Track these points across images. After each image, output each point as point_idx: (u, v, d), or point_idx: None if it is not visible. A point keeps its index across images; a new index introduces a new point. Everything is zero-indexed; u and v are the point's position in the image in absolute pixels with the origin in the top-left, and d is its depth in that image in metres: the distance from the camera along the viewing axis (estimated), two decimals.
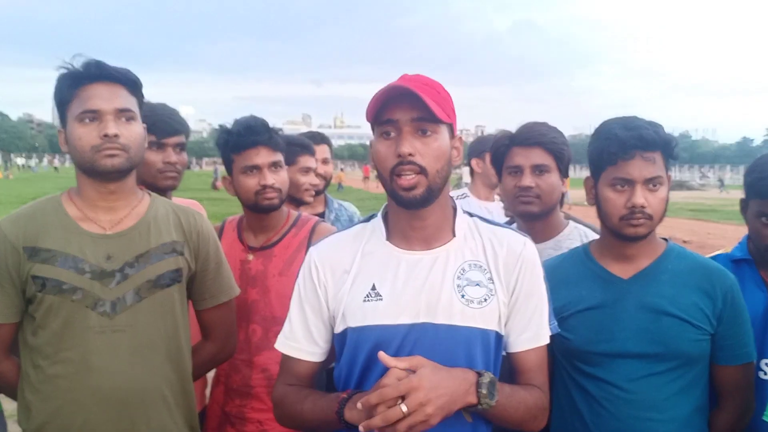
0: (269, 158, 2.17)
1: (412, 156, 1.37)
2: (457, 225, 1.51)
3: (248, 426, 2.18)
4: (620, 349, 1.69)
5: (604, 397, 1.70)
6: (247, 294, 2.17)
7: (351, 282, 1.48)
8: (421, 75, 1.45)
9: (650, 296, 1.71)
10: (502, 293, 1.46)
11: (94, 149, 1.65)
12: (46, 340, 1.67)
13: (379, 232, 1.52)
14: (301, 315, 1.54)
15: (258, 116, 2.24)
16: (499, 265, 1.47)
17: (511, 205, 2.19)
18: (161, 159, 2.27)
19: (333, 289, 1.50)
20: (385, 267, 1.47)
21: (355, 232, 1.56)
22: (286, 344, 1.56)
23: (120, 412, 1.68)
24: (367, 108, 1.41)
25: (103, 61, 1.71)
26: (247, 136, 2.16)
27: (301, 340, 1.54)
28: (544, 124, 2.19)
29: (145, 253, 1.73)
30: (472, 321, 1.43)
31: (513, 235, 1.52)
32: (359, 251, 1.51)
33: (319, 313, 1.52)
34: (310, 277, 1.53)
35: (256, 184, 2.17)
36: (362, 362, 1.45)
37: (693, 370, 1.70)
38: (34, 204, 1.77)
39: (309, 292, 1.53)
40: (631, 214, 1.66)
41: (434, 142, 1.40)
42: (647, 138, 1.64)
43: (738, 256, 1.97)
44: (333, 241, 1.57)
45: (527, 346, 1.48)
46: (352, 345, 1.46)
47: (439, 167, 1.41)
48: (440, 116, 1.38)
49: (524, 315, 1.48)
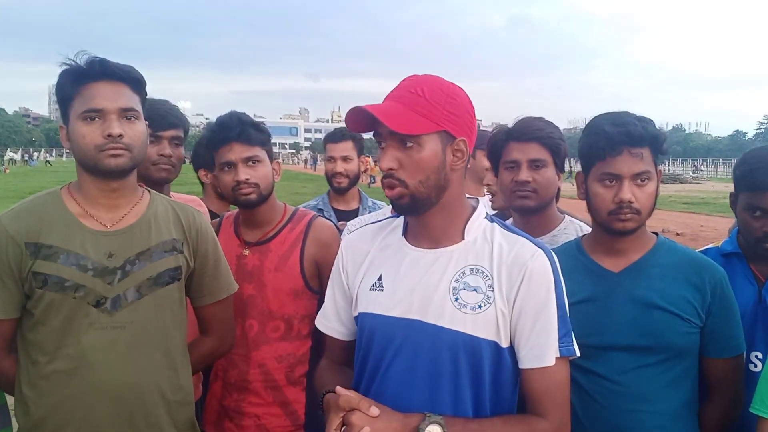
0: (243, 154, 2.15)
1: (393, 170, 1.41)
2: (469, 228, 1.49)
3: (246, 420, 2.19)
4: (610, 341, 1.71)
5: (594, 389, 1.72)
6: (243, 289, 2.17)
7: (365, 270, 1.57)
8: (419, 78, 1.44)
9: (640, 289, 1.72)
10: (501, 302, 1.41)
11: (97, 149, 1.65)
12: (46, 337, 1.67)
13: (399, 227, 1.58)
14: (332, 296, 1.66)
15: (237, 111, 2.23)
16: (502, 273, 1.42)
17: (508, 200, 2.20)
18: (156, 151, 2.27)
19: (352, 274, 1.60)
20: (393, 260, 1.53)
21: (382, 225, 1.64)
22: (320, 321, 1.69)
23: (119, 408, 1.68)
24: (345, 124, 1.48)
25: (106, 59, 1.71)
26: (219, 133, 2.17)
27: (331, 318, 1.66)
28: (540, 119, 2.20)
29: (146, 250, 1.74)
30: (461, 326, 1.40)
31: (526, 245, 1.45)
32: (378, 242, 1.59)
33: (344, 295, 1.63)
34: (338, 262, 1.65)
35: (231, 180, 2.17)
36: (363, 346, 1.53)
37: (683, 362, 1.72)
38: (34, 199, 1.76)
39: (336, 276, 1.65)
40: (619, 208, 1.68)
41: (416, 153, 1.40)
42: (634, 134, 1.66)
43: (728, 250, 1.99)
44: (363, 230, 1.68)
45: (530, 365, 1.40)
46: (359, 330, 1.56)
47: (423, 178, 1.40)
48: (408, 130, 1.37)
49: (530, 331, 1.40)
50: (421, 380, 1.42)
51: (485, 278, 1.43)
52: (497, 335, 1.41)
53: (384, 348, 1.46)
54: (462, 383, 1.41)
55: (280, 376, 2.18)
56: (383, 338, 1.46)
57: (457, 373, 1.40)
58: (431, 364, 1.41)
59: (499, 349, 1.42)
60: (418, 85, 1.41)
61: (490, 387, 1.43)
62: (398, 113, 1.37)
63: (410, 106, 1.39)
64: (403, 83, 1.45)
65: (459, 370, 1.40)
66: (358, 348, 1.55)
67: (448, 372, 1.41)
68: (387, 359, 1.45)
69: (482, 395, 1.42)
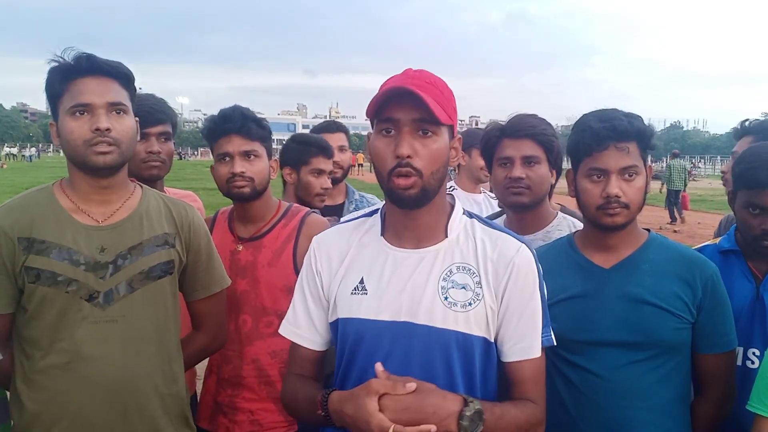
0: (241, 147, 2.16)
1: (410, 158, 1.37)
2: (451, 225, 1.48)
3: (240, 415, 2.19)
4: (601, 337, 1.72)
5: (585, 385, 1.73)
6: (236, 284, 2.18)
7: (343, 273, 1.51)
8: (425, 72, 1.43)
9: (631, 285, 1.73)
10: (489, 298, 1.43)
11: (86, 143, 1.65)
12: (40, 332, 1.68)
13: (376, 226, 1.54)
14: (303, 302, 1.57)
15: (241, 105, 2.24)
16: (488, 270, 1.44)
17: (502, 196, 2.21)
18: (144, 149, 2.26)
19: (327, 278, 1.53)
20: (374, 262, 1.49)
21: (355, 224, 1.58)
22: (289, 329, 1.59)
23: (112, 402, 1.69)
24: (369, 104, 1.40)
25: (94, 55, 1.71)
26: (220, 124, 2.18)
27: (303, 326, 1.57)
28: (534, 116, 2.21)
29: (138, 245, 1.74)
30: (453, 324, 1.41)
31: (508, 240, 1.47)
32: (355, 243, 1.53)
33: (319, 301, 1.55)
34: (310, 265, 1.57)
35: (227, 172, 2.17)
36: (347, 353, 1.48)
37: (674, 358, 1.73)
38: (26, 194, 1.77)
39: (309, 280, 1.56)
40: (607, 203, 1.69)
41: (433, 143, 1.39)
42: (620, 128, 1.68)
43: (726, 247, 1.99)
44: (333, 231, 1.61)
45: (519, 357, 1.44)
46: (340, 336, 1.50)
47: (435, 169, 1.40)
48: (442, 119, 1.37)
49: (517, 324, 1.43)
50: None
51: (472, 275, 1.44)
52: (487, 331, 1.43)
53: (371, 353, 1.43)
54: (455, 380, 1.41)
55: (273, 372, 2.19)
56: (371, 343, 1.43)
57: (450, 371, 1.41)
58: (424, 364, 1.40)
59: (488, 344, 1.44)
60: (430, 78, 1.41)
61: (480, 381, 1.44)
62: (430, 100, 1.35)
63: (434, 96, 1.37)
64: (413, 73, 1.42)
65: (452, 368, 1.41)
66: (340, 354, 1.50)
67: (442, 370, 1.41)
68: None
69: (474, 390, 1.43)
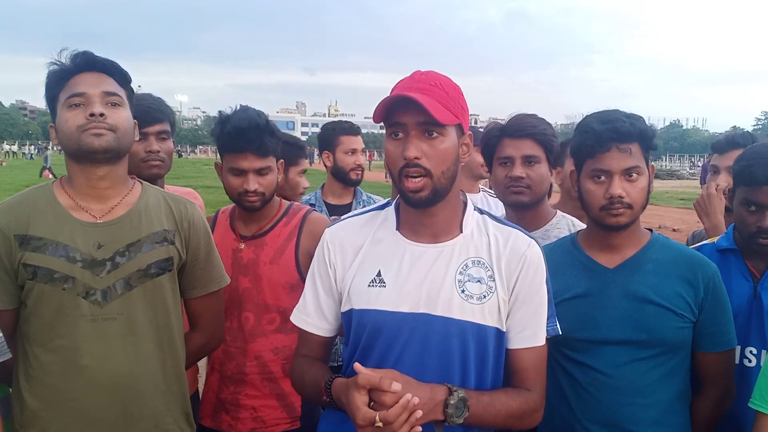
0: (255, 164, 2.15)
1: (418, 159, 1.43)
2: (466, 221, 1.55)
3: (242, 412, 2.20)
4: (605, 336, 1.73)
5: (589, 382, 1.75)
6: (239, 282, 2.19)
7: (358, 265, 1.56)
8: (432, 73, 1.48)
9: (634, 285, 1.75)
10: (502, 291, 1.50)
11: (80, 129, 1.65)
12: (39, 328, 1.68)
13: (390, 220, 1.58)
14: (314, 292, 1.63)
15: (255, 113, 2.16)
16: (501, 264, 1.51)
17: (502, 195, 2.23)
18: (143, 148, 2.26)
19: (341, 270, 1.58)
20: (391, 255, 1.53)
21: (368, 218, 1.63)
22: (298, 317, 1.66)
23: (113, 400, 1.69)
24: (374, 110, 1.45)
25: (91, 52, 1.72)
26: (237, 141, 2.13)
27: (312, 314, 1.63)
28: (533, 116, 2.23)
29: (136, 242, 1.73)
30: (470, 316, 1.47)
31: (519, 236, 1.55)
32: (369, 237, 1.58)
33: (330, 291, 1.61)
34: (323, 257, 1.62)
35: (239, 186, 2.17)
36: (363, 343, 1.53)
37: (675, 357, 1.74)
38: (26, 192, 1.78)
39: (321, 271, 1.62)
40: (611, 204, 1.71)
41: (440, 144, 1.44)
42: (622, 130, 1.69)
43: (724, 246, 2.00)
44: (345, 224, 1.65)
45: (523, 344, 1.51)
46: (355, 325, 1.55)
47: (445, 168, 1.45)
48: (444, 120, 1.41)
49: (524, 314, 1.51)
50: (432, 369, 1.46)
51: (486, 269, 1.51)
52: (499, 322, 1.51)
53: (390, 343, 1.49)
54: (469, 368, 1.48)
55: (276, 368, 2.20)
56: (391, 333, 1.49)
57: (465, 359, 1.48)
58: (441, 353, 1.47)
59: (500, 333, 1.51)
60: (435, 79, 1.46)
61: (492, 369, 1.52)
62: (431, 104, 1.40)
63: (437, 98, 1.42)
64: (419, 77, 1.47)
65: (467, 356, 1.48)
66: (355, 343, 1.55)
67: (457, 358, 1.47)
68: (395, 352, 1.48)
69: (485, 377, 1.50)
